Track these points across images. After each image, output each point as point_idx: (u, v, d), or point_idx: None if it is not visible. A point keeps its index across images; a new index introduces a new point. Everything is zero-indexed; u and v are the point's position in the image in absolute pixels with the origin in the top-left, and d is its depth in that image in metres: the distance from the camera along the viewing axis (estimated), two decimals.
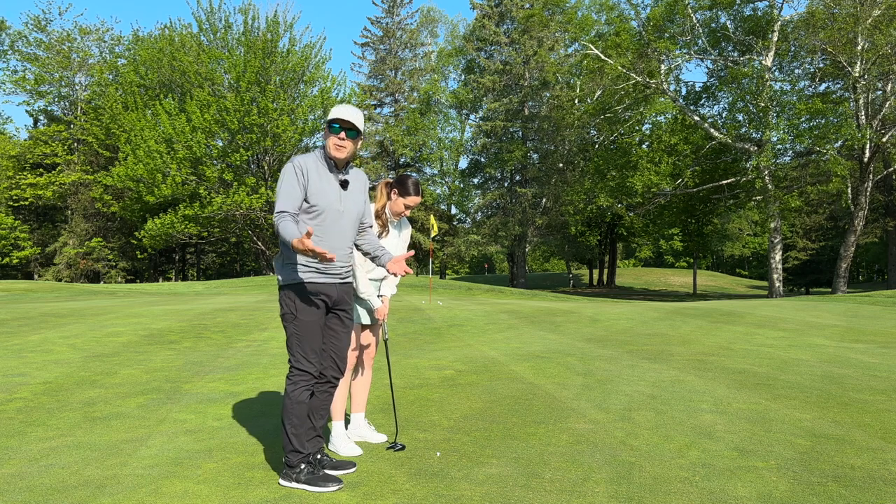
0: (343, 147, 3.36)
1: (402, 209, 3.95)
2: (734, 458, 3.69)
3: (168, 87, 37.64)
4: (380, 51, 50.64)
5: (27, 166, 42.80)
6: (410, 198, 3.91)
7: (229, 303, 14.12)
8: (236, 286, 25.17)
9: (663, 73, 29.39)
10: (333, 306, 3.47)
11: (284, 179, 3.30)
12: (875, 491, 3.21)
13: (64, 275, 41.90)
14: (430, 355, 7.51)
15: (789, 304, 15.56)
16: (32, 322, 9.93)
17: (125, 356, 7.20)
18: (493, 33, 43.36)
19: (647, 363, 6.85)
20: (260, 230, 37.47)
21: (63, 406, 4.98)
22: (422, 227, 47.23)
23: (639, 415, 4.67)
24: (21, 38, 42.54)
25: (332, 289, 3.42)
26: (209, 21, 35.67)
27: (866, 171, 26.91)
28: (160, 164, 32.33)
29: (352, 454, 3.81)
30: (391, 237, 4.06)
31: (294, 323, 3.33)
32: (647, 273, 63.68)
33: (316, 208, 3.32)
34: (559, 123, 37.57)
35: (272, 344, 8.27)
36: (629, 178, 29.91)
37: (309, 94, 35.73)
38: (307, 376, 3.34)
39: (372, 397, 5.29)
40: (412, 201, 3.92)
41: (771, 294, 29.09)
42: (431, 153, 48.00)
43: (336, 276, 3.44)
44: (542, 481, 3.35)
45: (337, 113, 3.35)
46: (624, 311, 13.27)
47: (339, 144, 3.35)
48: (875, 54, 24.98)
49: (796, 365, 6.73)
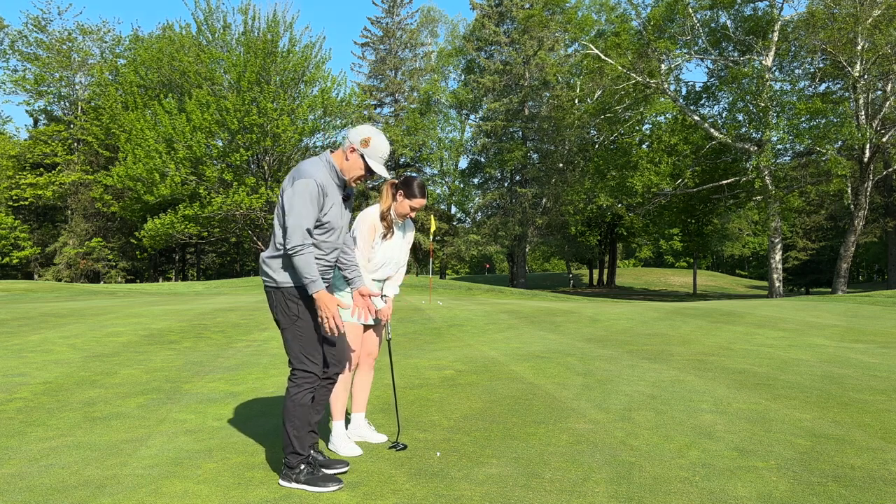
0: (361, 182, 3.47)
1: (408, 211, 3.92)
2: (734, 458, 3.69)
3: (168, 87, 37.64)
4: (380, 51, 50.64)
5: (27, 166, 42.81)
6: (416, 200, 3.89)
7: (229, 303, 14.13)
8: (236, 286, 25.18)
9: (663, 73, 29.39)
10: None
11: (307, 198, 3.18)
12: (875, 491, 3.21)
13: (64, 275, 41.90)
14: (430, 355, 7.51)
15: (789, 304, 15.56)
16: (32, 322, 9.93)
17: (125, 356, 7.20)
18: (493, 33, 43.36)
19: (647, 363, 6.85)
20: (260, 230, 37.45)
21: (63, 406, 4.98)
22: (422, 227, 47.25)
23: (639, 415, 4.67)
24: (21, 38, 42.54)
25: (330, 290, 3.50)
26: (207, 21, 35.68)
27: (866, 171, 26.91)
28: (160, 164, 32.33)
29: (351, 454, 3.80)
30: (395, 238, 4.04)
31: (296, 325, 3.31)
32: (647, 273, 63.69)
33: (327, 226, 3.32)
34: (559, 123, 37.57)
35: (272, 344, 8.27)
36: (629, 178, 29.91)
37: (309, 94, 35.72)
38: (311, 377, 3.33)
39: (372, 397, 5.28)
40: (418, 203, 3.89)
41: (771, 294, 29.09)
42: (431, 153, 48.00)
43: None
44: (542, 481, 3.35)
45: (382, 159, 3.37)
46: (624, 311, 13.26)
47: (361, 180, 3.43)
48: (875, 54, 24.98)
49: (796, 365, 6.73)
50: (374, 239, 3.94)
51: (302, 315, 3.30)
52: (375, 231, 3.93)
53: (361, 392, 4.16)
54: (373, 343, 4.13)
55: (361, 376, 4.15)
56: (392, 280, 4.15)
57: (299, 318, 3.30)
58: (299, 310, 3.30)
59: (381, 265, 4.00)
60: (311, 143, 37.19)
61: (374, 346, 4.14)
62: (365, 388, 4.17)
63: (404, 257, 4.13)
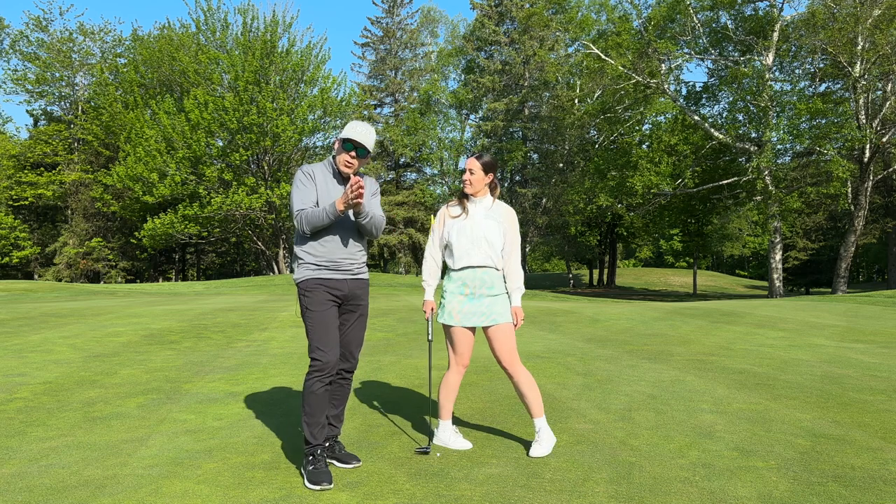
0: (352, 165, 3.56)
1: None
2: (734, 458, 3.69)
3: (168, 87, 37.64)
4: (380, 51, 50.64)
5: (27, 166, 42.82)
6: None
7: (229, 303, 14.13)
8: (236, 286, 25.18)
9: (664, 73, 29.39)
10: (346, 301, 3.62)
11: (296, 185, 3.52)
12: (875, 491, 3.21)
13: (64, 275, 41.90)
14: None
15: (789, 304, 15.56)
16: (32, 322, 9.93)
17: (125, 356, 7.20)
18: (493, 33, 43.36)
19: (647, 363, 6.85)
20: (260, 230, 37.46)
21: (63, 406, 4.98)
22: (422, 227, 47.22)
23: (639, 415, 4.67)
24: (22, 38, 42.55)
25: (343, 284, 3.58)
26: (207, 22, 35.68)
27: (866, 172, 26.91)
28: (160, 164, 32.34)
29: (461, 447, 3.87)
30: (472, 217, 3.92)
31: (308, 317, 3.50)
32: (647, 273, 63.66)
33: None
34: (559, 123, 37.56)
35: (272, 344, 8.27)
36: (629, 179, 29.89)
37: (309, 94, 35.73)
38: (321, 365, 3.43)
39: (372, 397, 5.28)
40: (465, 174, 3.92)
41: (771, 294, 29.08)
42: (431, 153, 47.96)
43: (347, 272, 3.59)
44: (542, 481, 3.35)
45: (352, 133, 3.50)
46: (624, 311, 13.26)
47: (349, 163, 3.55)
48: (875, 54, 24.97)
49: (796, 365, 6.73)
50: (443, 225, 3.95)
51: (312, 307, 3.49)
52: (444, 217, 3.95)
53: (531, 396, 3.91)
54: (500, 347, 3.85)
55: (515, 380, 3.90)
56: (517, 291, 3.90)
57: (309, 310, 3.50)
58: (310, 303, 3.49)
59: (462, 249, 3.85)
60: (310, 143, 37.18)
61: (501, 349, 3.85)
62: (530, 389, 3.90)
63: (495, 237, 3.85)
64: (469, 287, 3.84)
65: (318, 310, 3.48)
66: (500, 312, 3.83)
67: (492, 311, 3.83)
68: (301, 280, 3.53)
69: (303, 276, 3.52)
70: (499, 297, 3.86)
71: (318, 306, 3.48)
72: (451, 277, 3.91)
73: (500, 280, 3.88)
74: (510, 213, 3.94)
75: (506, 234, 3.89)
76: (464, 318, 3.83)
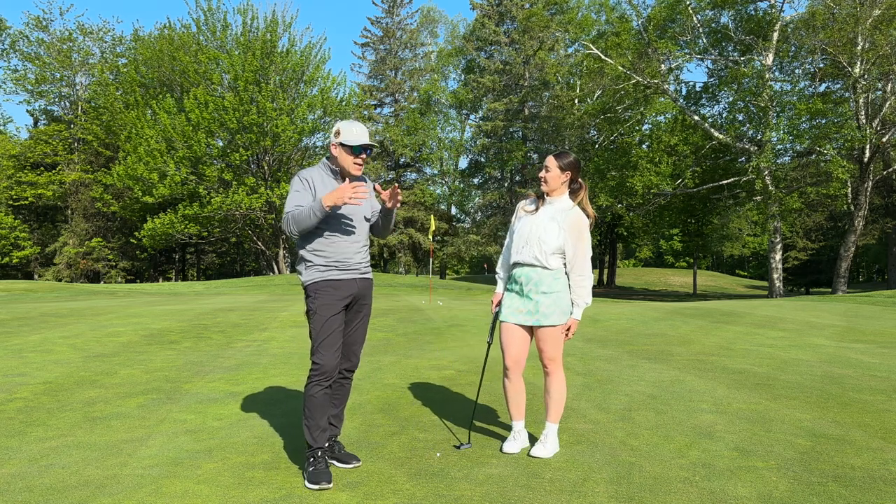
0: (361, 167, 3.57)
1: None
2: (734, 458, 3.69)
3: (168, 87, 37.63)
4: (380, 51, 50.62)
5: (27, 166, 42.80)
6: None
7: (229, 303, 14.13)
8: (236, 286, 25.18)
9: (664, 73, 29.38)
10: (354, 301, 3.61)
11: (292, 188, 3.51)
12: (875, 491, 3.21)
13: (64, 275, 41.89)
14: (430, 355, 7.51)
15: (789, 304, 15.55)
16: (32, 322, 9.93)
17: (125, 356, 7.20)
18: (493, 33, 43.35)
19: (647, 363, 6.85)
20: (260, 230, 37.45)
21: (63, 406, 4.98)
22: (421, 227, 47.21)
23: (639, 415, 4.67)
24: (22, 38, 42.53)
25: (352, 285, 3.56)
26: (207, 22, 35.68)
27: (866, 172, 26.90)
28: (160, 163, 32.33)
29: (506, 450, 3.84)
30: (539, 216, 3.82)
31: (312, 319, 3.49)
32: (647, 273, 63.67)
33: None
34: (559, 123, 37.53)
35: (272, 344, 8.27)
36: (629, 179, 29.88)
37: (308, 94, 35.73)
38: (322, 369, 3.42)
39: (372, 397, 5.28)
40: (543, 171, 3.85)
41: (771, 294, 29.07)
42: (431, 153, 47.98)
43: (355, 270, 3.58)
44: (542, 481, 3.35)
45: (354, 137, 3.48)
46: (624, 311, 13.26)
47: (359, 164, 3.55)
48: (875, 54, 24.96)
49: (796, 365, 6.73)
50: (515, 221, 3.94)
51: (320, 311, 3.47)
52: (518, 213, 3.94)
53: (553, 401, 3.87)
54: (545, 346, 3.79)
55: (547, 379, 3.89)
56: (580, 303, 3.77)
57: (311, 311, 3.49)
58: (318, 306, 3.47)
59: (521, 246, 3.81)
60: (310, 142, 37.17)
61: (547, 348, 3.78)
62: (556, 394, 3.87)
63: (551, 238, 3.71)
64: (519, 284, 3.81)
65: (325, 314, 3.45)
66: (546, 314, 3.70)
67: (538, 311, 3.73)
68: (309, 282, 3.49)
69: (311, 279, 3.49)
70: (550, 295, 3.71)
71: (325, 310, 3.45)
72: (511, 273, 3.91)
73: (553, 280, 3.72)
74: (578, 221, 3.72)
75: (567, 241, 3.71)
76: (512, 315, 3.81)
